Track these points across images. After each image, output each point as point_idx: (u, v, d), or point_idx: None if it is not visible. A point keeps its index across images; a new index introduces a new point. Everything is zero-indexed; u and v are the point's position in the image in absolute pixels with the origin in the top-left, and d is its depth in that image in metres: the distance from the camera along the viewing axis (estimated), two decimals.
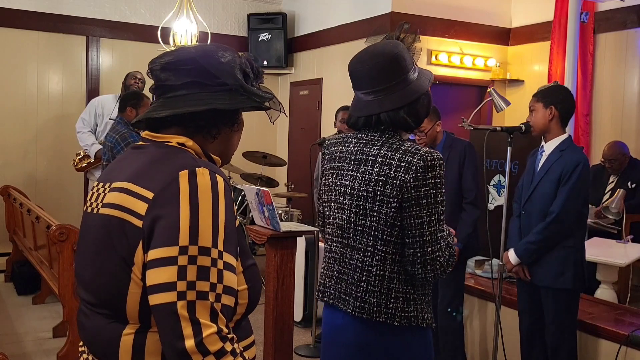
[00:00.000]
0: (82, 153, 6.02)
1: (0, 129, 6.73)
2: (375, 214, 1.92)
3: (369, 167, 1.94)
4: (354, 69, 1.97)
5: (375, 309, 1.93)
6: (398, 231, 1.91)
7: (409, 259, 1.91)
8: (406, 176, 1.86)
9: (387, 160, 1.91)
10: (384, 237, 1.92)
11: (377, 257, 1.93)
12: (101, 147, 5.66)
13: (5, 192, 6.22)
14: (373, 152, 1.94)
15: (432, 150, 1.90)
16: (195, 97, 1.36)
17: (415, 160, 1.86)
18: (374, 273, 1.94)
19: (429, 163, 1.86)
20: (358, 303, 1.96)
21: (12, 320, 4.97)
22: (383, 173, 1.90)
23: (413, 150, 1.89)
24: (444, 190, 1.90)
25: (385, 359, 1.97)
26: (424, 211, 1.87)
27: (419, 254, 1.89)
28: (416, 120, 1.98)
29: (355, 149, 2.00)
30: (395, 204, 1.88)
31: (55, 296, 4.57)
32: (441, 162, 1.89)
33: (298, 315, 4.84)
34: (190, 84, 1.37)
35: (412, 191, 1.86)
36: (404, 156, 1.89)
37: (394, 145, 1.92)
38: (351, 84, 2.02)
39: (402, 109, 1.92)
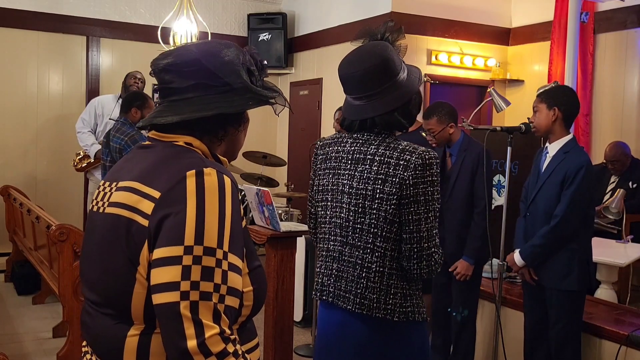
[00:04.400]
0: (82, 153, 6.02)
1: (0, 129, 6.73)
2: (374, 211, 1.95)
3: (367, 166, 1.97)
4: (343, 74, 2.01)
5: (375, 305, 1.97)
6: (397, 228, 1.95)
7: (405, 254, 1.96)
8: (405, 174, 1.91)
9: (386, 159, 1.95)
10: (384, 234, 1.95)
11: (376, 254, 1.97)
12: (101, 147, 5.66)
13: (5, 192, 6.22)
14: (371, 151, 1.98)
15: (429, 149, 1.95)
16: (202, 101, 1.34)
17: (413, 158, 1.92)
18: (374, 270, 1.97)
19: (427, 161, 1.92)
20: (358, 299, 1.99)
21: (12, 320, 4.97)
22: (382, 171, 1.94)
23: (411, 149, 1.94)
24: (439, 188, 1.97)
25: (384, 353, 2.01)
26: (422, 208, 1.92)
27: (415, 249, 1.94)
28: (409, 120, 2.04)
29: (352, 148, 2.03)
30: (394, 201, 1.92)
31: (55, 296, 4.57)
32: (437, 161, 1.96)
33: (298, 315, 4.84)
34: (195, 87, 1.35)
35: (411, 188, 1.91)
36: (402, 155, 1.93)
37: (392, 145, 1.97)
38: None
39: (395, 111, 1.97)
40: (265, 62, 1.47)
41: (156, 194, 1.26)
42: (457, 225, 3.56)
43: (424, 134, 3.61)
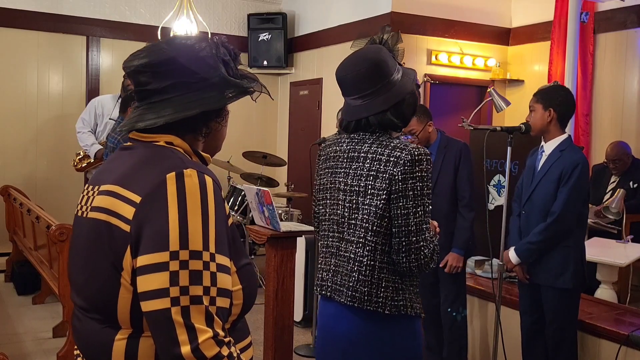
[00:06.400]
0: (82, 153, 6.01)
1: (0, 129, 6.73)
2: (366, 207, 2.03)
3: (360, 164, 2.05)
4: (340, 76, 2.10)
5: (366, 297, 2.03)
6: (387, 222, 2.00)
7: (395, 248, 2.00)
8: (395, 170, 1.97)
9: (377, 156, 2.02)
10: (374, 228, 2.01)
11: (367, 248, 2.03)
12: (101, 147, 5.66)
13: (5, 192, 6.22)
14: (364, 150, 2.06)
15: (419, 146, 2.01)
16: (182, 100, 1.32)
17: (403, 155, 1.98)
18: (365, 263, 2.03)
19: (416, 157, 1.97)
20: (350, 292, 2.05)
21: (12, 320, 4.97)
22: (373, 168, 2.01)
23: (401, 146, 2.00)
24: (430, 184, 2.01)
25: (376, 347, 2.06)
26: (410, 202, 1.97)
27: (404, 243, 1.98)
28: (403, 120, 2.10)
29: (348, 147, 2.11)
30: (384, 196, 1.98)
31: (55, 296, 4.57)
32: (428, 157, 2.00)
33: (298, 315, 4.84)
34: (173, 86, 1.32)
35: (400, 183, 1.96)
36: (392, 152, 2.00)
37: (384, 143, 2.04)
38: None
39: (388, 110, 2.04)
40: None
41: (136, 198, 1.24)
42: (443, 221, 3.59)
43: (402, 137, 3.64)
